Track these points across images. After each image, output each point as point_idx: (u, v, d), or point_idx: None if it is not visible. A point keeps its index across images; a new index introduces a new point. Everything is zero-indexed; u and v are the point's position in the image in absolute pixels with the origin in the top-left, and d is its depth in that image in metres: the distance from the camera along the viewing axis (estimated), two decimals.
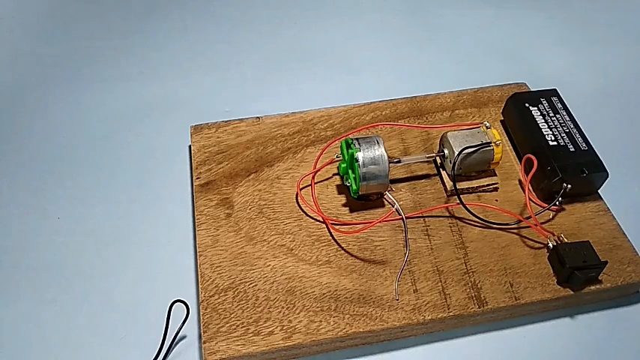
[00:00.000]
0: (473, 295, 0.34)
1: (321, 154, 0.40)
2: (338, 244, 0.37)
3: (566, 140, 0.39)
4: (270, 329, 0.33)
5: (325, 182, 0.40)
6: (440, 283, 0.35)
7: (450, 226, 0.38)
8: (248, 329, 0.33)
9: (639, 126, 0.49)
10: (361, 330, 0.33)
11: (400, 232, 0.37)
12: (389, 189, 0.38)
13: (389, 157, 0.37)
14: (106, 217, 0.41)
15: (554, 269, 0.36)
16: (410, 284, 0.35)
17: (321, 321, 0.33)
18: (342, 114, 0.44)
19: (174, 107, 0.49)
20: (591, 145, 0.39)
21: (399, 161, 0.38)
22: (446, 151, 0.39)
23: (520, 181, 0.40)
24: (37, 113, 0.50)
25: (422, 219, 0.38)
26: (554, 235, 0.36)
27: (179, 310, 0.34)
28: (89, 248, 0.39)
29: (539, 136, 0.40)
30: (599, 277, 0.35)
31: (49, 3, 0.61)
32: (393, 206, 0.38)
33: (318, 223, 0.38)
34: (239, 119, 0.43)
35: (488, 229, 0.38)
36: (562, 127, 0.40)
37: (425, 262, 0.36)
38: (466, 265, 0.36)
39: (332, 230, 0.37)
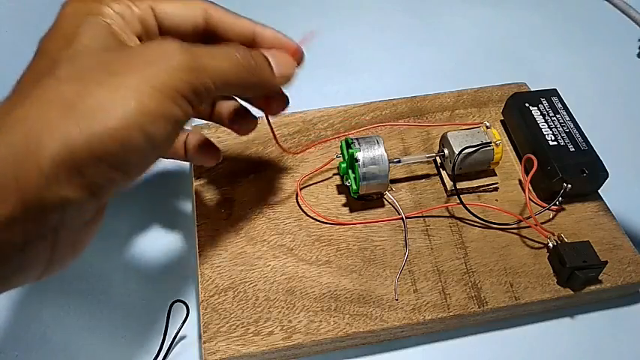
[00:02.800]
0: (473, 295, 0.34)
1: (311, 146, 0.40)
2: (338, 244, 0.37)
3: (566, 140, 0.39)
4: (270, 329, 0.33)
5: (325, 182, 0.40)
6: (440, 283, 0.35)
7: (450, 226, 0.38)
8: (248, 329, 0.33)
9: (639, 126, 0.49)
10: (361, 330, 0.33)
11: (400, 232, 0.37)
12: (389, 189, 0.39)
13: (389, 157, 0.37)
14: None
15: (554, 269, 0.36)
16: (410, 284, 0.35)
17: (321, 321, 0.33)
18: (342, 114, 0.44)
19: None
20: (591, 145, 0.39)
21: (399, 161, 0.38)
22: (446, 151, 0.39)
23: (520, 181, 0.40)
24: None
25: (422, 219, 0.38)
26: (554, 235, 0.36)
27: (179, 310, 0.34)
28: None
29: (539, 136, 0.40)
30: (599, 277, 0.35)
31: (49, 3, 0.60)
32: (393, 206, 0.38)
33: (318, 223, 0.38)
34: None
35: (488, 229, 0.38)
36: (562, 127, 0.40)
37: (425, 262, 0.36)
38: (466, 265, 0.36)
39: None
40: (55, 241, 0.23)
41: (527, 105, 0.42)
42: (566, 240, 0.36)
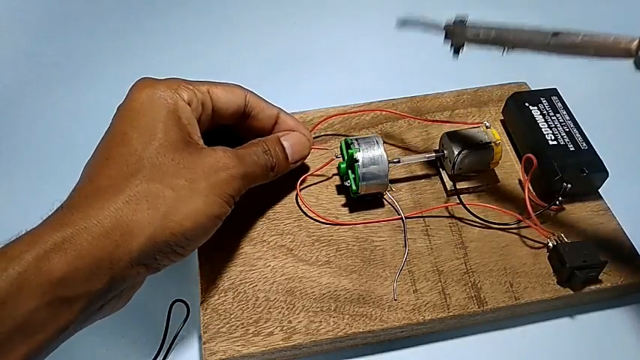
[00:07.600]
0: (473, 295, 0.34)
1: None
2: (338, 244, 0.37)
3: (566, 140, 0.39)
4: (270, 330, 0.33)
5: (325, 182, 0.40)
6: (440, 283, 0.35)
7: (450, 226, 0.38)
8: (248, 330, 0.33)
9: (639, 126, 0.49)
10: (361, 330, 0.33)
11: (400, 232, 0.37)
12: (389, 189, 0.38)
13: (388, 157, 0.37)
14: None
15: (554, 269, 0.36)
16: (410, 284, 0.35)
17: (320, 321, 0.33)
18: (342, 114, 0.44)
19: None
20: (591, 145, 0.39)
21: (398, 161, 0.38)
22: (446, 151, 0.39)
23: (520, 180, 0.40)
24: (37, 113, 0.50)
25: (422, 219, 0.38)
26: (554, 234, 0.36)
27: (179, 310, 0.34)
28: None
29: (539, 136, 0.40)
30: (599, 277, 0.35)
31: (49, 3, 0.61)
32: (393, 206, 0.38)
33: (317, 223, 0.38)
34: None
35: (488, 229, 0.38)
36: (562, 126, 0.40)
37: (425, 262, 0.36)
38: (466, 265, 0.36)
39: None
40: (119, 297, 0.29)
41: (527, 105, 0.42)
42: (566, 240, 0.36)
